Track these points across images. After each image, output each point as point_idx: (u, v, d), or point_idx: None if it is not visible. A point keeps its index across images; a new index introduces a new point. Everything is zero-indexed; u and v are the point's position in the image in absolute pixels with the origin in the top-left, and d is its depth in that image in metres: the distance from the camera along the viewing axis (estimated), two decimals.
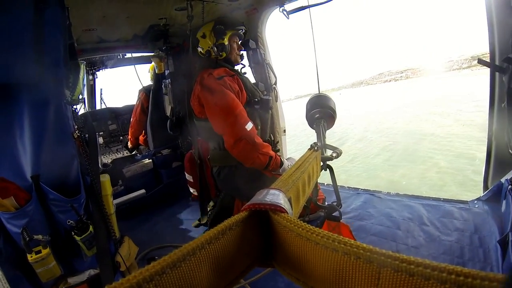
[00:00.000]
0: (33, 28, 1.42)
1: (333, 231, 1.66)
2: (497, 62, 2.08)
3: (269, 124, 2.46)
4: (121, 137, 4.59)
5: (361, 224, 2.60)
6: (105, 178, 1.87)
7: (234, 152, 2.08)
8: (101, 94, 4.86)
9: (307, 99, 1.91)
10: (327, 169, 1.58)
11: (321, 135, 1.64)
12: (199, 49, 2.37)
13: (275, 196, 0.64)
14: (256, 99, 2.28)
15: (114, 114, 4.58)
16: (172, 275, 0.38)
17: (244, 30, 2.43)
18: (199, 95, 2.18)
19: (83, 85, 2.00)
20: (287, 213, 0.57)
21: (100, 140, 4.36)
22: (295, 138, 14.65)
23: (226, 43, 2.30)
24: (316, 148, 1.40)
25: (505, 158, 2.18)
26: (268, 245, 0.59)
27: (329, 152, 1.59)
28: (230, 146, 2.08)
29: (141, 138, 4.16)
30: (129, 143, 4.24)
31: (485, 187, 2.56)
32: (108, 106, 4.85)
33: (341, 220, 1.69)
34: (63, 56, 1.53)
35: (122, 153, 4.30)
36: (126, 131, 4.46)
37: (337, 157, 1.56)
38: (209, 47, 2.30)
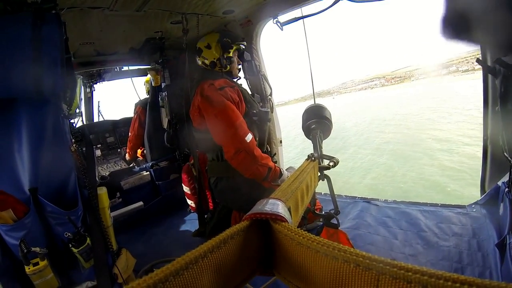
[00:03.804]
0: (32, 44, 1.44)
1: (331, 238, 1.68)
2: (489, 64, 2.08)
3: (266, 136, 2.48)
4: (119, 149, 4.58)
5: (358, 233, 2.58)
6: (102, 191, 1.87)
7: (234, 163, 2.09)
8: (98, 106, 4.87)
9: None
10: (325, 179, 1.60)
11: (317, 146, 1.65)
12: (202, 60, 2.38)
13: (275, 205, 0.64)
14: (255, 111, 2.29)
15: (112, 126, 4.58)
16: (175, 283, 0.39)
17: (244, 46, 2.47)
18: (199, 105, 2.18)
19: (80, 99, 2.01)
20: (288, 222, 0.58)
21: (98, 152, 4.35)
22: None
23: (232, 56, 2.33)
24: (313, 158, 1.42)
25: (501, 161, 2.18)
26: (269, 254, 0.60)
27: (326, 162, 1.60)
28: (229, 157, 2.08)
29: (139, 151, 4.16)
30: (127, 156, 4.23)
31: (482, 190, 2.57)
32: (106, 118, 4.86)
33: (339, 228, 1.69)
34: (61, 70, 1.54)
35: (120, 165, 4.29)
36: (124, 143, 4.46)
37: (334, 166, 1.57)
38: (214, 59, 2.32)
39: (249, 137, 2.09)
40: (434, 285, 0.32)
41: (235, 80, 2.47)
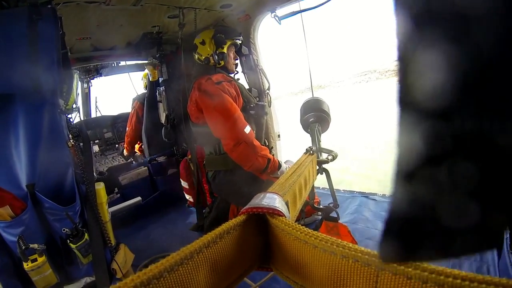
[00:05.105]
0: (27, 40, 1.43)
1: (331, 231, 1.68)
2: None
3: (264, 130, 2.48)
4: (116, 145, 4.56)
5: (356, 228, 2.58)
6: (100, 186, 1.87)
7: (234, 155, 2.09)
8: (96, 102, 4.83)
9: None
10: (323, 173, 1.60)
11: (315, 139, 1.65)
12: (197, 55, 2.38)
13: (272, 199, 0.64)
14: (252, 105, 2.29)
15: (110, 122, 4.55)
16: (170, 278, 0.38)
17: (241, 41, 2.47)
18: (197, 100, 2.19)
19: (77, 94, 2.00)
20: (285, 217, 0.57)
21: (96, 148, 4.33)
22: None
23: (226, 51, 2.32)
24: (311, 152, 1.41)
25: None
26: (266, 249, 0.59)
27: (324, 156, 1.60)
28: (229, 149, 2.09)
29: (137, 146, 4.14)
30: (125, 151, 4.22)
31: None
32: (103, 114, 4.83)
33: (338, 221, 1.70)
34: (57, 66, 1.53)
35: (118, 161, 4.27)
36: (122, 138, 4.44)
37: (332, 160, 1.57)
38: (208, 55, 2.32)
39: (248, 129, 2.10)
40: (434, 281, 0.32)
41: (231, 75, 2.46)
